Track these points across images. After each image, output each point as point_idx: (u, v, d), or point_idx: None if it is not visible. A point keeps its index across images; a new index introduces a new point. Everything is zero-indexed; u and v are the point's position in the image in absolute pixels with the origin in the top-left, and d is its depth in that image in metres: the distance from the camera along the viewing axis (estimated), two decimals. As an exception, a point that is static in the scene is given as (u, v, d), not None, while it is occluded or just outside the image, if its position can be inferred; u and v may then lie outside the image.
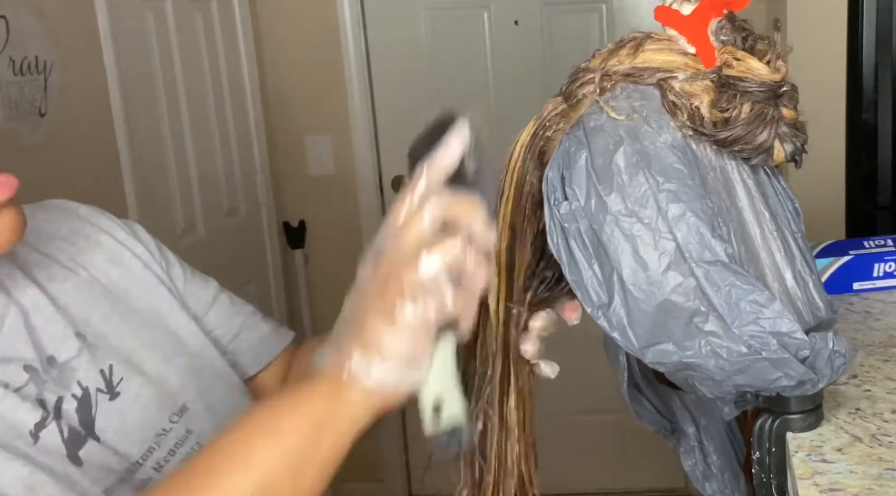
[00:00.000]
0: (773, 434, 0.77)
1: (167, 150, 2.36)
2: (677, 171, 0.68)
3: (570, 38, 2.86)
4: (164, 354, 0.82)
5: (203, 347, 0.87)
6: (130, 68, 2.18)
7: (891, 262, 1.19)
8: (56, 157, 1.92)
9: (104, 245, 0.86)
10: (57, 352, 0.75)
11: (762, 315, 0.66)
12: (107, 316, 0.80)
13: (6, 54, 1.77)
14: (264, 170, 2.88)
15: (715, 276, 0.66)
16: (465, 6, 2.91)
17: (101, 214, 0.90)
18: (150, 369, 0.80)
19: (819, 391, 0.76)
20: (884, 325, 1.08)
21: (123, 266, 0.86)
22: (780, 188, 0.77)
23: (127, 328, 0.81)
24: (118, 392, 0.76)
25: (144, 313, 0.84)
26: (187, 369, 0.83)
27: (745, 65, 0.70)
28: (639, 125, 0.70)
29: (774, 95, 0.70)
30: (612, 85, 0.72)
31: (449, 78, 2.93)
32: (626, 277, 0.67)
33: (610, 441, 3.13)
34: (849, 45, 2.23)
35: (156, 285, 0.87)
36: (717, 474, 0.88)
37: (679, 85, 0.71)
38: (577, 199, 0.69)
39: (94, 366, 0.76)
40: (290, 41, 2.91)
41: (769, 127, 0.70)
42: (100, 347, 0.77)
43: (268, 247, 2.92)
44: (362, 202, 2.99)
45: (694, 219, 0.67)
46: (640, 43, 0.72)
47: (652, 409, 0.89)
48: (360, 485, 3.20)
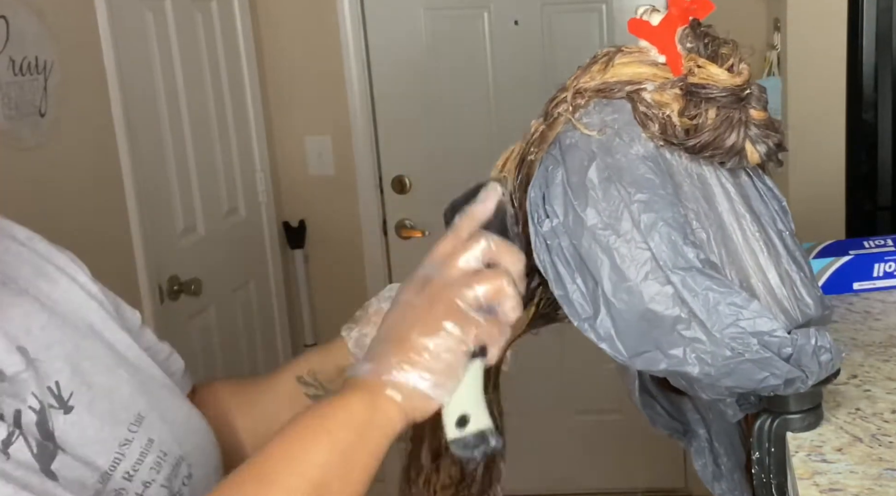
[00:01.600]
0: (773, 434, 0.77)
1: (167, 149, 2.36)
2: (648, 182, 0.69)
3: (570, 38, 2.86)
4: (107, 365, 0.79)
5: (141, 359, 0.83)
6: (130, 68, 2.18)
7: (891, 262, 1.19)
8: (56, 157, 1.92)
9: (27, 259, 0.81)
10: (3, 365, 0.71)
11: (741, 316, 0.66)
12: (45, 327, 0.76)
13: (6, 54, 1.77)
14: (264, 170, 2.88)
15: (691, 282, 0.67)
16: (465, 6, 2.91)
17: (20, 227, 0.84)
18: (98, 381, 0.77)
19: (818, 391, 0.76)
20: (884, 325, 1.08)
21: (49, 279, 0.81)
22: (763, 188, 0.78)
23: (67, 339, 0.77)
24: (71, 406, 0.73)
25: (78, 324, 0.80)
26: (132, 379, 0.80)
27: (706, 72, 0.71)
28: (611, 139, 0.72)
29: (738, 99, 0.71)
30: (586, 101, 0.74)
31: (449, 78, 2.93)
32: (608, 290, 0.68)
33: (610, 441, 3.13)
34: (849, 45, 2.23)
35: (85, 299, 0.82)
36: (727, 475, 0.89)
37: (649, 95, 0.72)
38: (557, 216, 0.71)
39: (41, 383, 0.72)
40: (290, 41, 2.92)
41: (737, 130, 0.71)
42: (43, 361, 0.73)
43: (268, 246, 2.92)
44: (362, 202, 2.99)
45: (665, 227, 0.68)
46: (611, 58, 0.74)
47: (665, 414, 0.90)
48: (360, 485, 3.20)
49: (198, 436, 0.83)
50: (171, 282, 2.32)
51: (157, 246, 2.26)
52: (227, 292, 2.64)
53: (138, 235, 2.18)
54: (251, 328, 2.78)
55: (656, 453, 3.08)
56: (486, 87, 2.94)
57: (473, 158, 2.91)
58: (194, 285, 2.37)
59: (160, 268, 2.28)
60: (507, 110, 2.89)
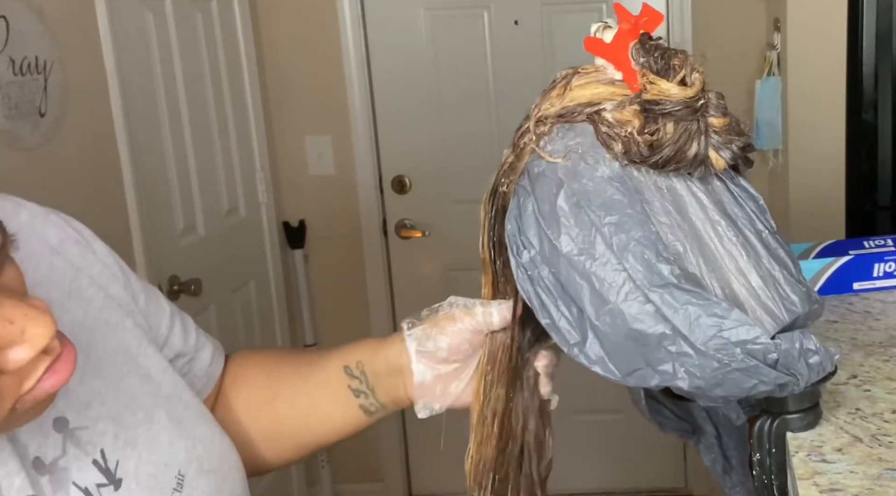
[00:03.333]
0: (773, 434, 0.77)
1: (167, 149, 2.36)
2: (617, 203, 0.70)
3: (570, 38, 2.86)
4: (146, 411, 0.73)
5: (174, 384, 0.78)
6: (130, 68, 2.18)
7: (891, 262, 1.19)
8: (56, 157, 1.92)
9: (59, 273, 0.72)
10: (41, 452, 0.64)
11: (723, 327, 0.66)
12: (83, 379, 0.68)
13: (6, 54, 1.77)
14: (264, 170, 2.88)
15: (669, 299, 0.67)
16: (465, 6, 2.91)
17: (48, 218, 0.74)
18: (140, 437, 0.71)
19: (815, 389, 0.76)
20: (884, 325, 1.08)
21: (83, 299, 0.72)
22: (738, 190, 0.77)
23: (106, 388, 0.70)
24: (119, 478, 0.68)
25: (113, 357, 0.73)
26: (169, 420, 0.74)
27: (657, 87, 0.70)
28: (576, 163, 0.72)
29: (694, 110, 0.70)
30: (549, 128, 0.74)
31: (449, 78, 2.93)
32: (591, 314, 0.69)
33: (610, 441, 3.13)
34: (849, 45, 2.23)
35: (120, 318, 0.75)
36: (737, 467, 0.90)
37: (610, 115, 0.72)
38: (534, 247, 0.71)
39: (86, 460, 0.66)
40: (290, 41, 2.92)
41: (697, 140, 0.71)
42: (85, 430, 0.67)
43: (268, 246, 2.92)
44: (362, 202, 2.99)
45: (638, 246, 0.68)
46: (569, 81, 0.74)
47: (673, 417, 0.90)
48: (360, 485, 3.20)
49: (227, 462, 0.79)
50: (171, 282, 2.32)
51: (157, 246, 2.26)
52: (227, 292, 2.64)
53: (138, 235, 2.18)
54: (251, 328, 2.78)
55: (656, 453, 3.08)
56: (486, 87, 2.93)
57: (473, 158, 2.91)
58: (194, 285, 2.37)
59: (160, 268, 2.28)
60: (507, 110, 2.89)
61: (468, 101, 2.94)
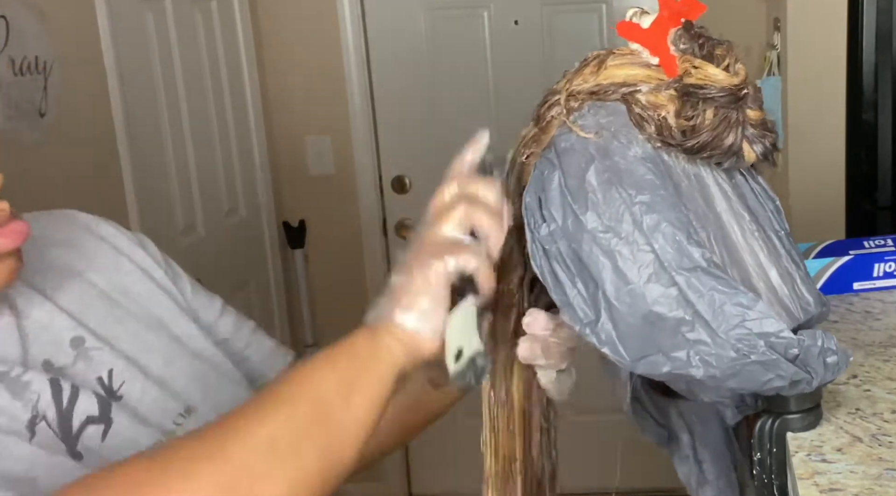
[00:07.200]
0: (774, 434, 0.77)
1: (167, 150, 2.36)
2: (649, 183, 0.69)
3: (570, 38, 2.86)
4: (166, 357, 0.83)
5: (206, 350, 0.88)
6: (130, 68, 2.18)
7: (891, 262, 1.19)
8: (56, 157, 1.92)
9: (101, 252, 0.87)
10: (52, 357, 0.76)
11: (747, 317, 0.65)
12: (104, 320, 0.81)
13: (6, 54, 1.77)
14: (264, 170, 2.88)
15: (696, 283, 0.66)
16: (465, 6, 2.91)
17: (105, 223, 0.92)
18: (153, 372, 0.81)
19: (817, 390, 0.76)
20: (884, 325, 1.08)
21: (121, 272, 0.87)
22: (758, 188, 0.77)
23: (126, 332, 0.82)
24: (120, 395, 0.77)
25: (143, 317, 0.85)
26: (191, 371, 0.84)
27: (703, 72, 0.70)
28: (608, 141, 0.71)
29: (736, 99, 0.71)
30: (580, 104, 0.73)
31: (449, 78, 2.93)
32: (609, 293, 0.67)
33: (610, 441, 3.13)
34: (849, 45, 2.23)
35: (155, 291, 0.89)
36: (712, 481, 0.88)
37: (644, 97, 0.72)
38: (555, 221, 0.70)
39: (91, 375, 0.77)
40: (290, 41, 2.92)
41: (735, 130, 0.71)
42: (99, 350, 0.78)
43: (268, 247, 2.92)
44: (362, 202, 2.99)
45: (669, 228, 0.67)
46: (603, 60, 0.74)
47: (653, 422, 0.89)
48: (360, 485, 3.20)
49: None
50: (171, 282, 2.32)
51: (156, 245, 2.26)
52: (227, 292, 2.62)
53: (138, 235, 2.18)
54: (251, 328, 2.78)
55: (656, 453, 3.07)
56: (486, 87, 2.93)
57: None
58: (194, 285, 2.36)
59: (160, 268, 2.27)
60: (507, 110, 2.89)
61: (468, 101, 2.94)
